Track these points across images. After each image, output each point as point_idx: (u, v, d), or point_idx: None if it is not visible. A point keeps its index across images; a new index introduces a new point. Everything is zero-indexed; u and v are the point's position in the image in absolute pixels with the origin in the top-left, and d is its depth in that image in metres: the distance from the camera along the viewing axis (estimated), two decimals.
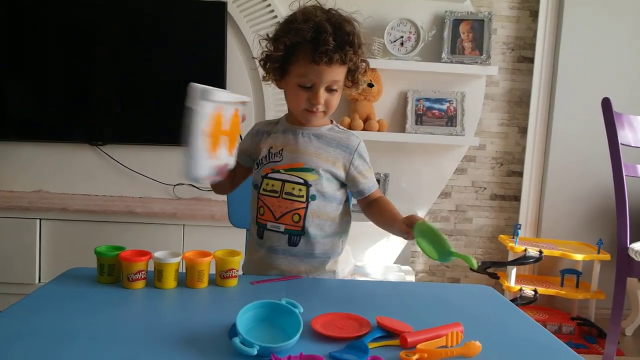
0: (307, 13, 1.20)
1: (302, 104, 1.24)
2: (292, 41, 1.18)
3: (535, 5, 2.80)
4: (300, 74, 1.21)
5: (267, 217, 1.27)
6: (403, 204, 2.76)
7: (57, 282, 1.10)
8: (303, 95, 1.22)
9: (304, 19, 1.18)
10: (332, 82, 1.22)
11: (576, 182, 2.81)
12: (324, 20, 1.18)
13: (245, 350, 0.78)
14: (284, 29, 1.21)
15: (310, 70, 1.19)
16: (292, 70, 1.22)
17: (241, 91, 2.62)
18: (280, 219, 1.26)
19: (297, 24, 1.18)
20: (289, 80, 1.24)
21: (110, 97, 2.65)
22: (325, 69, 1.19)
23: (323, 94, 1.22)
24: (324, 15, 1.20)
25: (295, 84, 1.22)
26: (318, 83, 1.21)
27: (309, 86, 1.22)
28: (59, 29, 2.57)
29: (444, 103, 2.72)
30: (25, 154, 2.65)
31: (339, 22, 1.20)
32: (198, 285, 1.10)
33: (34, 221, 2.33)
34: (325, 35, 1.16)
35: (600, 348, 2.43)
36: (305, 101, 1.23)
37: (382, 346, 0.86)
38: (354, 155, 1.30)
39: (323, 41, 1.16)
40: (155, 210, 2.36)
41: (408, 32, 2.65)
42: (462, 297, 1.19)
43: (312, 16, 1.19)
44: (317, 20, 1.18)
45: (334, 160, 1.28)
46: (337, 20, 1.20)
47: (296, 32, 1.18)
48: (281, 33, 1.21)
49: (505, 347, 0.91)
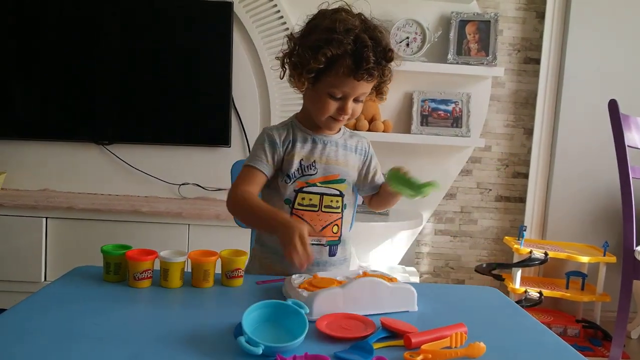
0: (346, 22, 1.16)
1: (329, 113, 1.22)
2: (334, 53, 1.14)
3: (541, 7, 2.79)
4: (334, 85, 1.18)
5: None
6: (407, 204, 2.76)
7: (63, 281, 1.11)
8: (332, 104, 1.21)
9: (345, 30, 1.15)
10: (361, 94, 1.22)
11: (582, 183, 2.80)
12: (362, 32, 1.16)
13: (251, 350, 0.78)
14: (324, 39, 1.15)
15: (347, 83, 1.18)
16: (325, 80, 1.19)
17: (246, 90, 2.65)
18: (321, 232, 1.27)
19: (337, 35, 1.14)
20: (320, 88, 1.21)
21: (116, 96, 2.66)
22: (361, 83, 1.18)
23: (351, 105, 1.22)
24: (361, 25, 1.18)
25: (326, 92, 1.20)
26: (349, 95, 1.20)
27: (339, 97, 1.21)
28: (64, 29, 2.59)
29: (449, 104, 2.72)
30: (31, 153, 2.67)
31: (377, 36, 1.18)
32: (204, 285, 1.11)
33: (40, 220, 2.34)
34: (366, 51, 1.14)
35: (605, 351, 2.42)
36: (334, 110, 1.22)
37: (386, 346, 0.86)
38: (369, 156, 1.36)
39: (365, 57, 1.14)
40: (160, 209, 2.37)
41: (414, 32, 2.65)
42: (467, 298, 1.19)
43: (352, 26, 1.16)
44: (357, 31, 1.16)
45: (353, 166, 1.32)
46: (374, 33, 1.18)
47: (338, 44, 1.14)
48: (322, 43, 1.15)
49: (509, 348, 0.90)
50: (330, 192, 1.27)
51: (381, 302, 1.01)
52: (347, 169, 1.30)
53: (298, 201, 1.25)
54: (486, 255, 2.96)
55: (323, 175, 1.26)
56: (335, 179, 1.28)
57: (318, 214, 1.25)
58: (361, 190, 1.38)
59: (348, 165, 1.30)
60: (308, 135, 1.29)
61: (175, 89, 2.63)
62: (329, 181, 1.27)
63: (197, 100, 2.64)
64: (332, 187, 1.27)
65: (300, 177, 1.25)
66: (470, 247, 2.95)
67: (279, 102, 2.65)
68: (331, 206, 1.27)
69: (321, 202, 1.26)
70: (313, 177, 1.26)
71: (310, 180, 1.25)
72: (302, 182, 1.25)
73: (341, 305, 0.97)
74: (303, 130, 1.29)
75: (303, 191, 1.25)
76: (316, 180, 1.26)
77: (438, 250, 2.95)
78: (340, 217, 1.29)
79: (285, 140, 1.27)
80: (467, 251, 2.95)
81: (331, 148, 1.29)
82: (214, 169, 2.68)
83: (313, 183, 1.25)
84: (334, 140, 1.30)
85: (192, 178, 2.69)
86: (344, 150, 1.31)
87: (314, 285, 1.04)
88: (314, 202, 1.25)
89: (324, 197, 1.26)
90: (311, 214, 1.25)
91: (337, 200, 1.28)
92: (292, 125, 1.30)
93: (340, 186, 1.28)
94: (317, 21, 1.20)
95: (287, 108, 2.60)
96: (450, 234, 2.94)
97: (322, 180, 1.26)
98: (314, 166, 1.26)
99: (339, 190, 1.28)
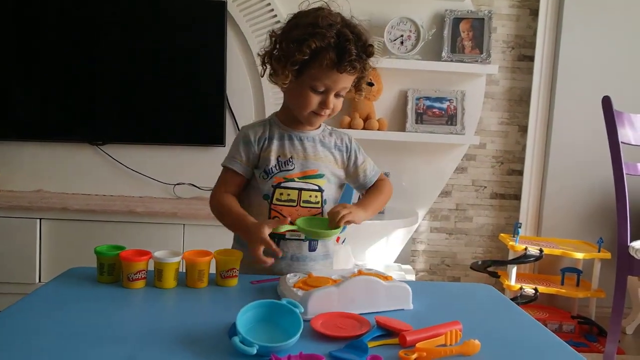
0: (328, 18, 1.19)
1: (312, 107, 1.24)
2: (317, 45, 1.17)
3: (535, 4, 2.80)
4: (317, 78, 1.21)
5: None
6: (403, 203, 2.76)
7: (57, 282, 1.10)
8: (314, 98, 1.23)
9: (327, 25, 1.18)
10: (342, 89, 1.25)
11: (576, 180, 2.81)
12: (344, 27, 1.19)
13: (245, 350, 0.78)
14: (308, 32, 1.18)
15: (329, 76, 1.20)
16: (309, 73, 1.21)
17: (241, 89, 2.64)
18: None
19: (321, 29, 1.17)
20: (302, 82, 1.23)
21: (111, 96, 2.64)
22: (343, 76, 1.21)
23: (332, 99, 1.24)
24: (342, 22, 1.21)
25: (308, 86, 1.22)
26: (331, 89, 1.23)
27: (321, 90, 1.23)
28: (59, 29, 2.57)
29: (444, 102, 2.72)
30: (25, 153, 2.65)
31: (358, 31, 1.21)
32: (198, 285, 1.10)
33: (34, 221, 2.33)
34: (348, 44, 1.17)
35: (600, 346, 2.43)
36: (316, 104, 1.24)
37: (381, 345, 0.86)
38: (352, 152, 1.36)
39: (348, 50, 1.17)
40: (155, 209, 2.36)
41: (408, 30, 2.65)
42: (462, 296, 1.19)
43: (333, 22, 1.19)
44: (338, 26, 1.19)
45: (335, 162, 1.33)
46: (354, 29, 1.21)
47: (322, 37, 1.17)
48: (307, 36, 1.18)
49: (504, 345, 0.91)
50: (308, 187, 1.28)
51: (376, 300, 1.01)
52: (325, 164, 1.31)
53: (276, 196, 1.27)
54: (482, 253, 2.97)
55: (301, 171, 1.28)
56: (314, 174, 1.29)
57: (297, 209, 1.27)
58: (355, 187, 1.41)
59: (327, 161, 1.32)
60: (285, 132, 1.31)
61: (169, 89, 2.62)
62: (307, 176, 1.29)
63: (191, 100, 2.63)
64: (311, 182, 1.28)
65: (278, 172, 1.27)
66: (465, 245, 2.95)
67: (272, 101, 2.64)
68: (310, 201, 1.28)
69: (299, 197, 1.27)
70: (291, 172, 1.28)
71: (287, 175, 1.27)
72: (280, 178, 1.27)
73: (336, 304, 0.97)
74: (281, 127, 1.32)
75: (281, 186, 1.27)
76: (294, 176, 1.28)
77: (434, 248, 2.95)
78: (320, 213, 1.29)
79: (261, 138, 1.30)
80: (462, 248, 2.96)
81: (309, 144, 1.31)
82: (208, 168, 2.63)
83: (291, 178, 1.27)
84: (311, 136, 1.33)
85: (187, 178, 2.68)
86: (322, 147, 1.33)
87: (309, 284, 1.04)
88: (292, 197, 1.27)
89: (302, 192, 1.27)
90: (290, 209, 1.26)
91: (316, 195, 1.29)
92: (270, 122, 1.34)
93: (319, 181, 1.30)
94: (298, 19, 1.23)
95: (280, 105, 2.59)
96: (446, 232, 2.95)
97: (300, 176, 1.28)
98: (291, 162, 1.28)
99: (318, 186, 1.29)
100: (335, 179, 1.33)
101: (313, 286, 1.02)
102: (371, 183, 1.39)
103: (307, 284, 1.04)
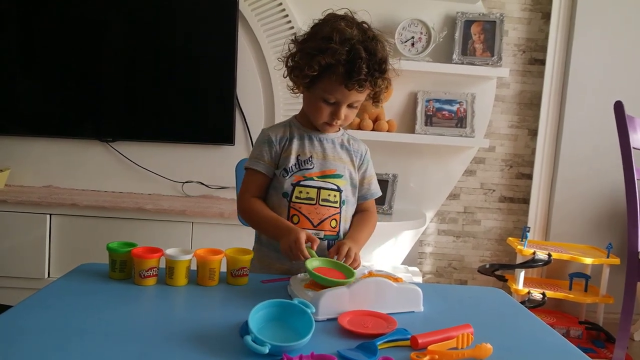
0: (344, 32, 1.19)
1: (323, 118, 1.27)
2: (327, 62, 1.18)
3: (547, 7, 2.79)
4: (327, 91, 1.23)
5: (304, 225, 1.27)
6: (411, 204, 2.76)
7: (69, 278, 1.11)
8: (326, 109, 1.26)
9: (341, 40, 1.18)
10: (355, 102, 1.26)
11: (586, 185, 2.79)
12: (359, 44, 1.19)
13: (257, 349, 0.78)
14: (319, 47, 1.19)
15: (339, 90, 1.22)
16: (319, 85, 1.23)
17: (251, 88, 2.64)
18: (318, 226, 1.29)
19: (333, 44, 1.18)
20: (314, 92, 1.25)
21: (121, 93, 2.66)
22: (353, 93, 1.22)
23: (344, 111, 1.26)
24: (359, 36, 1.20)
25: (320, 97, 1.25)
26: (342, 102, 1.25)
27: (333, 102, 1.25)
28: (69, 26, 2.58)
29: (454, 104, 2.71)
30: (35, 149, 2.67)
31: (373, 47, 1.21)
32: (209, 283, 1.11)
33: (44, 216, 2.34)
34: (359, 62, 1.18)
35: (608, 353, 2.42)
36: (327, 115, 1.27)
37: (393, 347, 0.86)
38: (365, 161, 1.39)
39: (357, 69, 1.18)
40: (164, 207, 2.37)
41: (419, 32, 2.64)
42: (472, 299, 1.19)
43: (349, 36, 1.19)
44: (352, 42, 1.18)
45: (352, 165, 1.36)
46: (371, 45, 1.21)
47: (332, 54, 1.17)
48: (316, 51, 1.19)
49: (516, 349, 0.90)
50: (327, 186, 1.30)
51: (387, 302, 1.01)
52: (344, 165, 1.33)
53: (295, 194, 1.28)
54: (489, 256, 2.96)
55: (320, 170, 1.30)
56: (332, 173, 1.31)
57: (315, 207, 1.28)
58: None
59: (345, 162, 1.34)
60: (305, 133, 1.33)
61: (179, 87, 2.62)
62: (326, 175, 1.30)
63: (201, 99, 2.63)
64: (330, 181, 1.30)
65: (298, 171, 1.29)
66: (473, 248, 2.94)
67: (283, 100, 2.65)
68: (329, 200, 1.30)
69: (318, 196, 1.29)
70: (310, 171, 1.30)
71: (307, 174, 1.29)
72: (300, 176, 1.29)
73: (347, 305, 0.97)
74: (301, 128, 1.34)
75: (300, 185, 1.28)
76: (313, 175, 1.30)
77: (441, 251, 2.95)
78: (339, 212, 1.31)
79: (283, 138, 1.32)
80: (470, 252, 2.95)
81: (328, 145, 1.34)
82: (218, 167, 2.68)
83: (310, 177, 1.29)
84: (330, 138, 1.35)
85: (196, 176, 2.69)
86: (340, 149, 1.35)
87: (319, 285, 1.04)
88: (311, 196, 1.28)
89: (321, 190, 1.29)
90: (308, 207, 1.28)
91: (334, 194, 1.30)
92: (290, 124, 1.36)
93: (338, 181, 1.31)
94: (318, 28, 1.24)
95: (291, 107, 2.60)
96: (454, 235, 2.94)
97: (320, 175, 1.30)
98: (310, 161, 1.30)
99: (337, 185, 1.31)
100: (352, 180, 1.35)
101: (323, 287, 1.02)
102: (370, 198, 1.41)
103: (317, 285, 1.04)
